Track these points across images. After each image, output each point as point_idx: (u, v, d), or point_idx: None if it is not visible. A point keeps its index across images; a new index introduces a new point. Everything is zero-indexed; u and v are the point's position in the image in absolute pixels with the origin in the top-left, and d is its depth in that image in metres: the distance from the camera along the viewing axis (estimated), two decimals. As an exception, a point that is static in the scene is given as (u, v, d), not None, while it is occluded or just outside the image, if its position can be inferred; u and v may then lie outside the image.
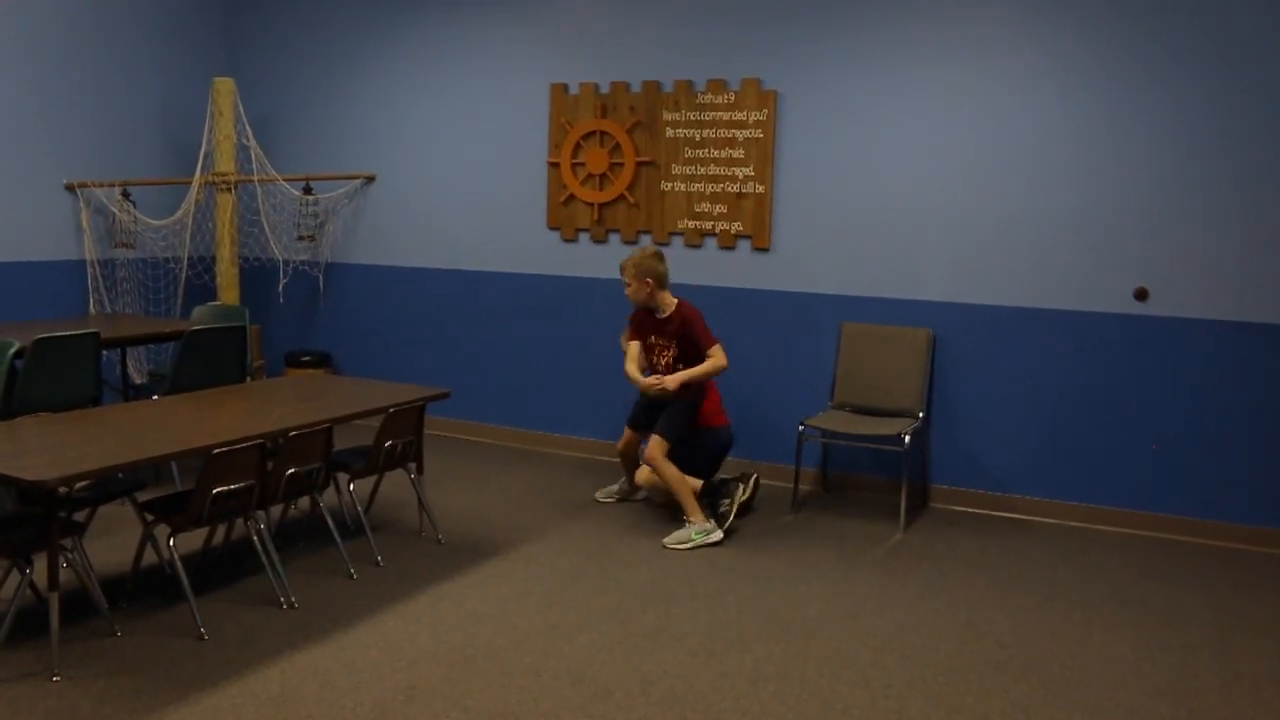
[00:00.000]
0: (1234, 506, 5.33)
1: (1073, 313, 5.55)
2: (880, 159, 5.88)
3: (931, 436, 5.90)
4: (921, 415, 5.74)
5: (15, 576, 3.89)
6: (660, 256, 5.33)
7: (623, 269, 5.33)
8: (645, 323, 5.40)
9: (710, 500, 5.45)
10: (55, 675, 3.54)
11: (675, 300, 5.33)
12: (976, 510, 5.80)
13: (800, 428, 5.63)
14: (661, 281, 5.29)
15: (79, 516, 4.13)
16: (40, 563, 3.66)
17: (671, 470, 5.24)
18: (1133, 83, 5.33)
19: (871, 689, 3.65)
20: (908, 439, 5.43)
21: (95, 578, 4.00)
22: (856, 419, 5.75)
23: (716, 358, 5.23)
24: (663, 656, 3.86)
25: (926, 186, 5.79)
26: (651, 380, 5.27)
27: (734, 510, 5.39)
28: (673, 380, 5.19)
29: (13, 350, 4.90)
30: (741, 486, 5.56)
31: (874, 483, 6.04)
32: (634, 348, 5.46)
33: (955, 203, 5.73)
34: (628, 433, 5.64)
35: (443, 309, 7.27)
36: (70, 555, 3.86)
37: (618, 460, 5.82)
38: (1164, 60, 5.26)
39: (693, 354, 5.27)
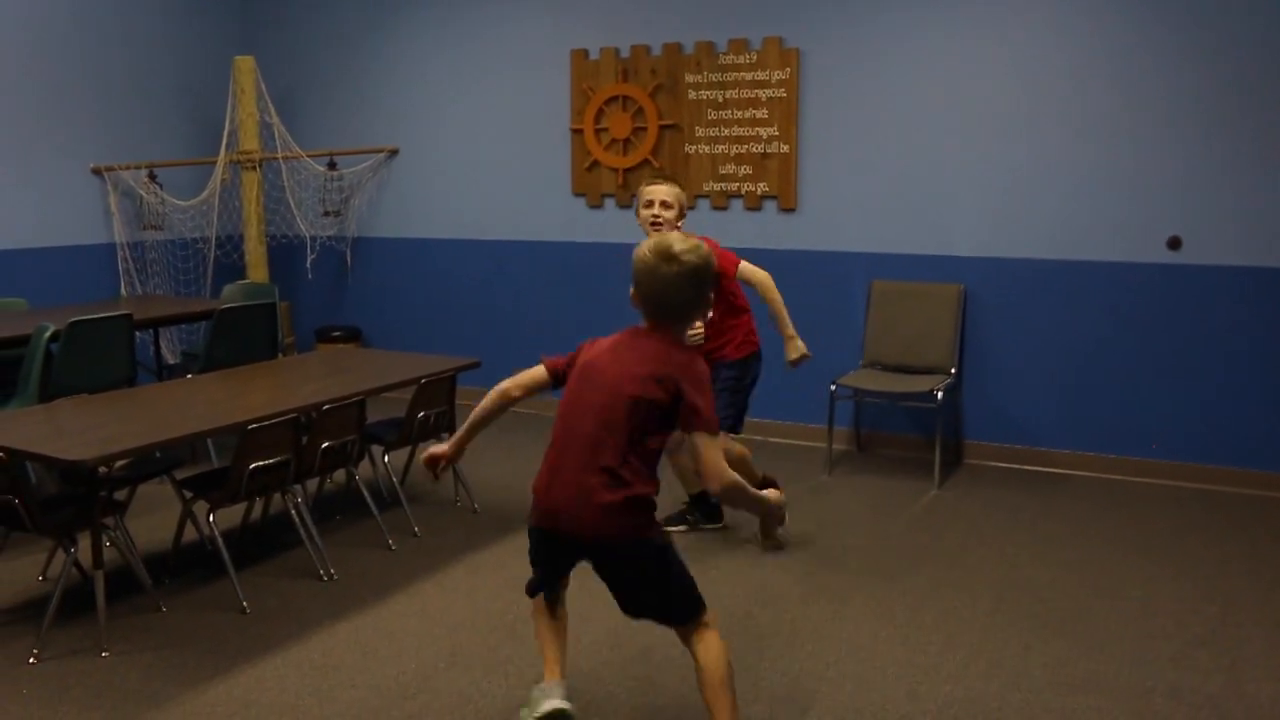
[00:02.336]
0: (1273, 455, 5.27)
1: (1105, 264, 5.49)
2: (906, 114, 5.81)
3: (964, 392, 5.86)
4: (953, 371, 5.71)
5: (61, 556, 3.94)
6: None
7: (653, 193, 4.39)
8: None
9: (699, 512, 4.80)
10: (104, 651, 3.59)
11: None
12: (1011, 465, 5.77)
13: (832, 387, 5.61)
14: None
15: (119, 495, 4.18)
16: (84, 542, 3.71)
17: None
18: (1165, 30, 5.23)
19: (910, 645, 3.65)
20: (940, 395, 5.40)
21: (138, 555, 4.06)
22: (888, 377, 5.72)
23: (760, 274, 4.54)
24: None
25: (954, 140, 5.72)
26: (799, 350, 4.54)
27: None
28: (798, 341, 4.53)
29: (48, 334, 4.95)
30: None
31: (907, 440, 6.02)
32: None
33: (984, 156, 5.66)
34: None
35: (470, 279, 7.28)
36: (113, 534, 3.91)
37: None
38: (1195, 5, 5.15)
39: (723, 297, 4.43)
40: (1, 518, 3.65)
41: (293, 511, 4.28)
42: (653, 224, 4.34)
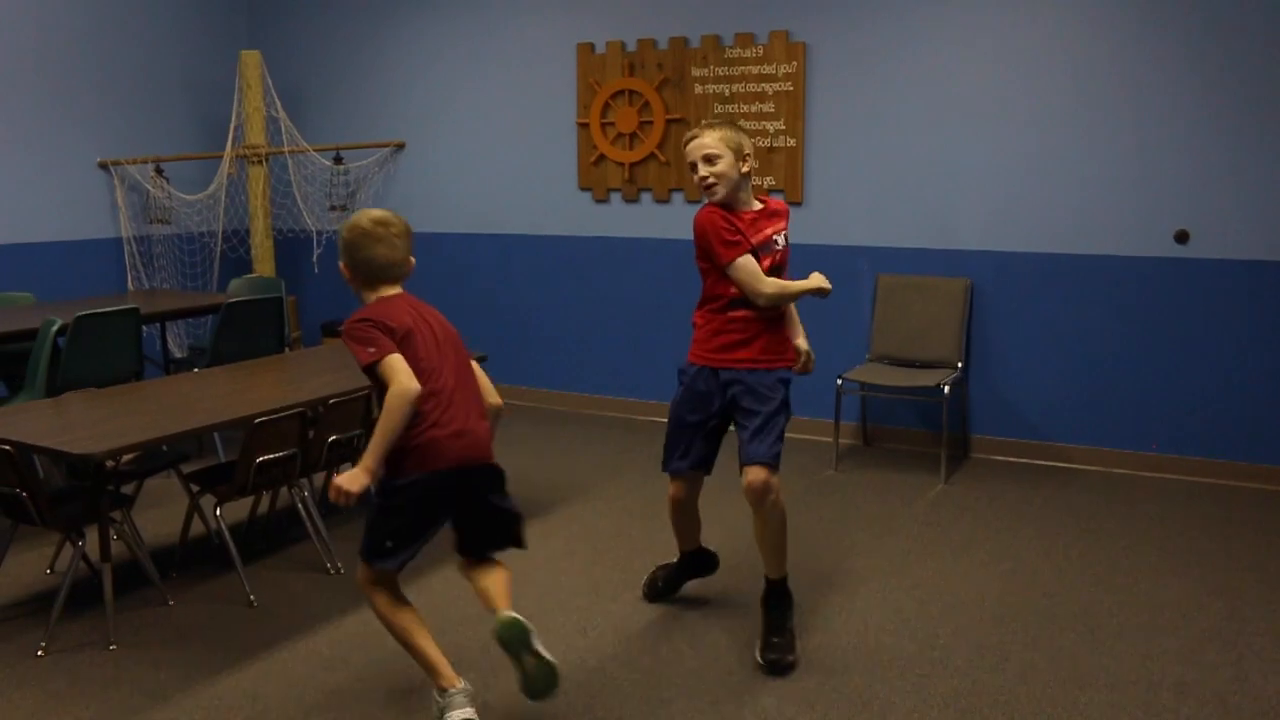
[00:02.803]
0: (1278, 452, 5.27)
1: (1113, 257, 5.47)
2: (912, 107, 5.80)
3: (971, 386, 5.86)
4: (960, 365, 5.70)
5: (69, 550, 3.95)
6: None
7: (693, 150, 3.48)
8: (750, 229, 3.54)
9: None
10: (112, 644, 3.60)
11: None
12: (1019, 459, 5.76)
13: (839, 381, 5.60)
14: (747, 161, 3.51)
15: (127, 489, 4.19)
16: (92, 535, 3.72)
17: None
18: (1172, 23, 5.21)
19: (918, 640, 3.64)
20: (947, 389, 5.39)
21: (146, 549, 4.06)
22: (895, 371, 5.71)
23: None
24: (708, 612, 3.87)
25: (960, 134, 5.71)
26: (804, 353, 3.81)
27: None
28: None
29: (55, 328, 4.95)
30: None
31: (914, 435, 6.01)
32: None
33: (990, 149, 5.65)
34: (679, 484, 3.73)
35: (477, 273, 7.27)
36: (120, 527, 3.91)
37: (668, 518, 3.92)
38: (1200, 2, 5.15)
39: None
40: (9, 511, 3.66)
41: (299, 505, 4.29)
42: (705, 189, 3.49)
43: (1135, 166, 5.37)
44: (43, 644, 3.59)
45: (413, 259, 3.17)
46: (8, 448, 3.48)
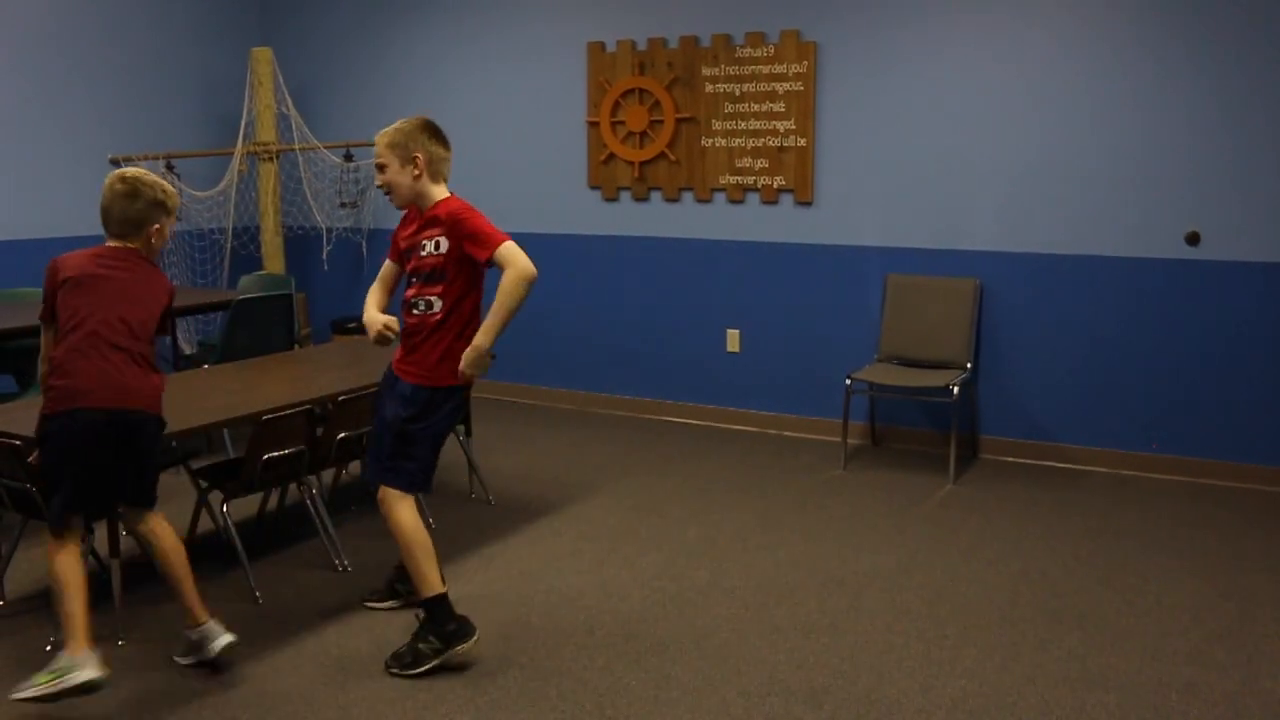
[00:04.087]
0: (1292, 451, 5.24)
1: (1123, 259, 5.45)
2: (923, 107, 5.79)
3: (980, 387, 5.84)
4: (969, 366, 5.68)
5: (77, 544, 3.95)
6: (432, 128, 3.74)
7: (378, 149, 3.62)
8: (403, 229, 3.71)
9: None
10: (120, 640, 3.61)
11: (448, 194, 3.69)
12: (1027, 460, 5.75)
13: (847, 381, 5.59)
14: (436, 165, 3.67)
15: (136, 485, 4.19)
16: (101, 531, 3.73)
17: (406, 518, 3.49)
18: (1184, 24, 5.19)
19: (925, 640, 3.64)
20: (956, 390, 5.38)
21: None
22: (904, 371, 5.70)
23: (514, 263, 3.51)
24: (715, 611, 3.87)
25: (971, 134, 5.69)
26: (387, 322, 3.64)
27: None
28: (485, 336, 3.53)
29: (65, 323, 4.95)
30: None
31: (922, 435, 6.00)
32: (386, 270, 3.77)
33: (1000, 150, 5.64)
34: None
35: (485, 271, 7.26)
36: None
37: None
38: (1211, 1, 5.13)
39: (465, 272, 3.61)
40: (19, 506, 3.68)
41: (308, 502, 4.29)
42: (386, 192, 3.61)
43: (1146, 168, 5.35)
44: (52, 639, 3.60)
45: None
46: (17, 443, 3.50)
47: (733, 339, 6.45)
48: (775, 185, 6.17)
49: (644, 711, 3.19)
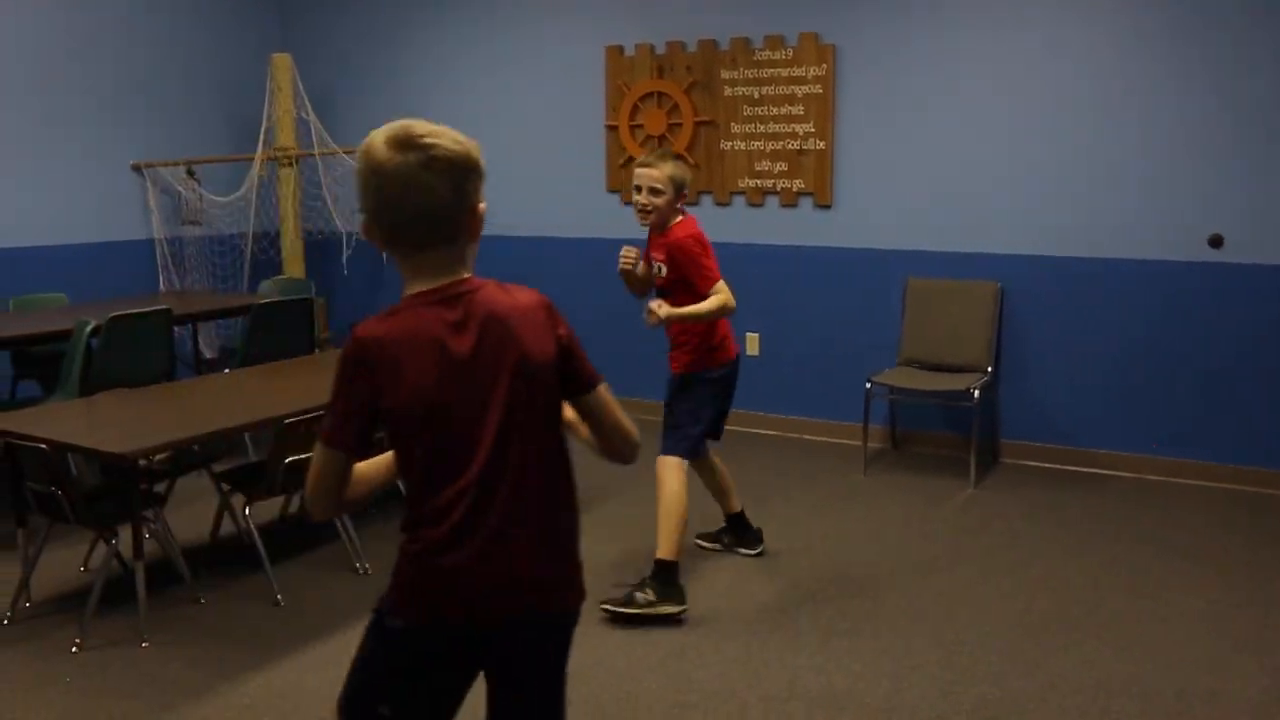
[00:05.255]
0: (1316, 455, 5.20)
1: (1145, 261, 5.42)
2: (943, 110, 5.77)
3: (1001, 391, 5.82)
4: (990, 369, 5.66)
5: (102, 547, 3.99)
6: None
7: (641, 178, 3.99)
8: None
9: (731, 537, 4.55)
10: (144, 641, 3.64)
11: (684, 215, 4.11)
12: (1048, 465, 5.72)
13: (868, 385, 5.58)
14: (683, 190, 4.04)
15: (159, 488, 4.23)
16: (125, 534, 3.76)
17: (676, 484, 3.96)
18: (1207, 26, 5.15)
19: (945, 645, 3.63)
20: (977, 394, 5.36)
21: (177, 547, 4.10)
22: (924, 375, 5.69)
23: (723, 295, 3.94)
24: (735, 614, 3.87)
25: (991, 137, 5.67)
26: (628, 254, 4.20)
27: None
28: (676, 311, 3.89)
29: (89, 328, 5.00)
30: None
31: (943, 439, 5.98)
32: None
33: (1021, 152, 5.61)
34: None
35: (504, 275, 7.13)
36: (153, 526, 3.95)
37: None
38: (1233, 3, 5.09)
39: (692, 291, 3.98)
40: (45, 509, 3.71)
41: (329, 505, 4.30)
42: (641, 212, 4.03)
43: (1169, 170, 5.32)
44: (77, 640, 3.63)
45: None
46: (43, 446, 3.53)
47: (752, 342, 6.44)
48: (794, 188, 6.17)
49: (664, 714, 3.19)
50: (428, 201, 1.89)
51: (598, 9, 6.70)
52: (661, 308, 3.83)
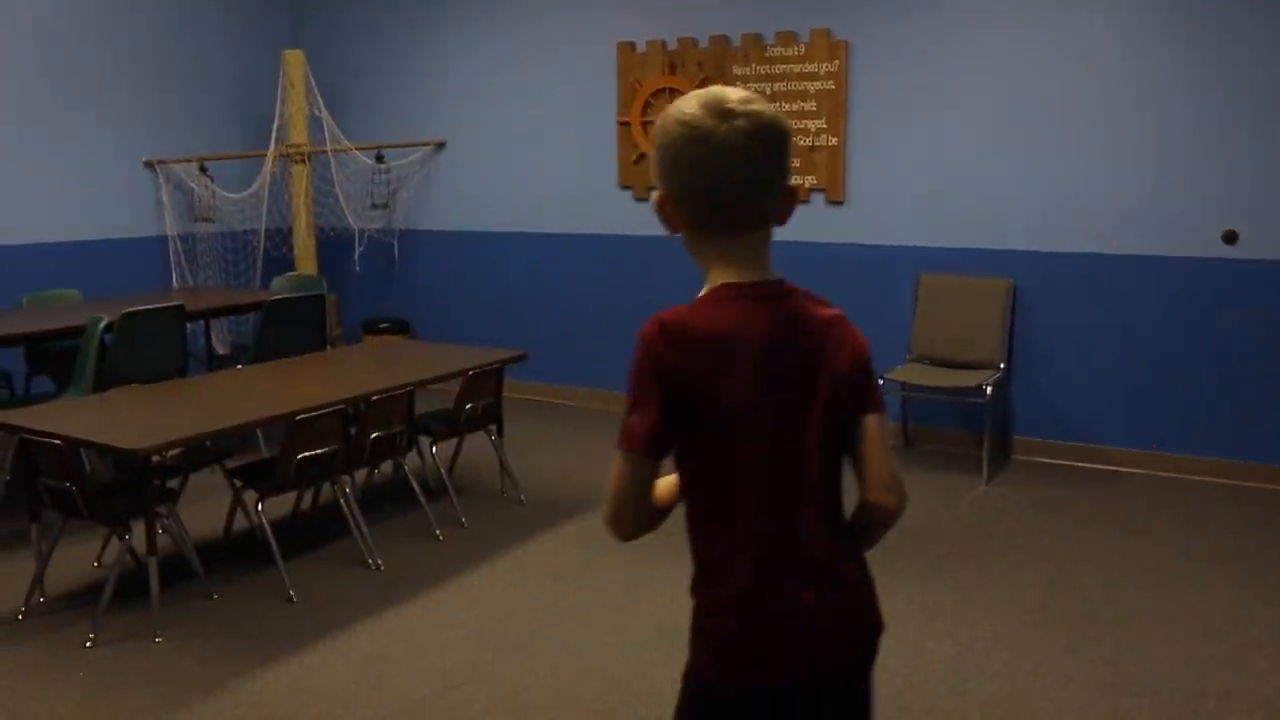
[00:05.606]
0: (1331, 453, 5.17)
1: (1159, 258, 5.40)
2: (955, 106, 5.75)
3: (1013, 387, 5.80)
4: (1003, 366, 5.65)
5: (116, 543, 4.01)
6: None
7: None
8: None
9: None
10: (158, 636, 3.65)
11: None
12: (1061, 461, 5.70)
13: (880, 381, 5.56)
14: None
15: (172, 484, 4.25)
16: (138, 529, 3.77)
17: None
18: (1221, 21, 5.13)
19: (958, 642, 3.62)
20: (989, 390, 5.35)
21: (190, 543, 4.11)
22: (936, 371, 5.67)
23: None
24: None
25: (1004, 133, 5.65)
26: None
27: None
28: None
29: (102, 325, 5.02)
30: None
31: (955, 435, 5.97)
32: None
33: (1034, 149, 5.59)
34: None
35: (517, 272, 7.30)
36: (166, 521, 3.96)
37: None
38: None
39: None
40: (58, 504, 3.73)
41: (341, 501, 4.32)
42: None
43: (1182, 166, 5.29)
44: (91, 635, 3.65)
45: None
46: (57, 442, 3.54)
47: (763, 339, 6.44)
48: (807, 184, 6.15)
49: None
50: (754, 175, 1.62)
51: (609, 5, 6.70)
52: None
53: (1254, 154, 5.14)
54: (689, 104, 1.60)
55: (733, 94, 1.60)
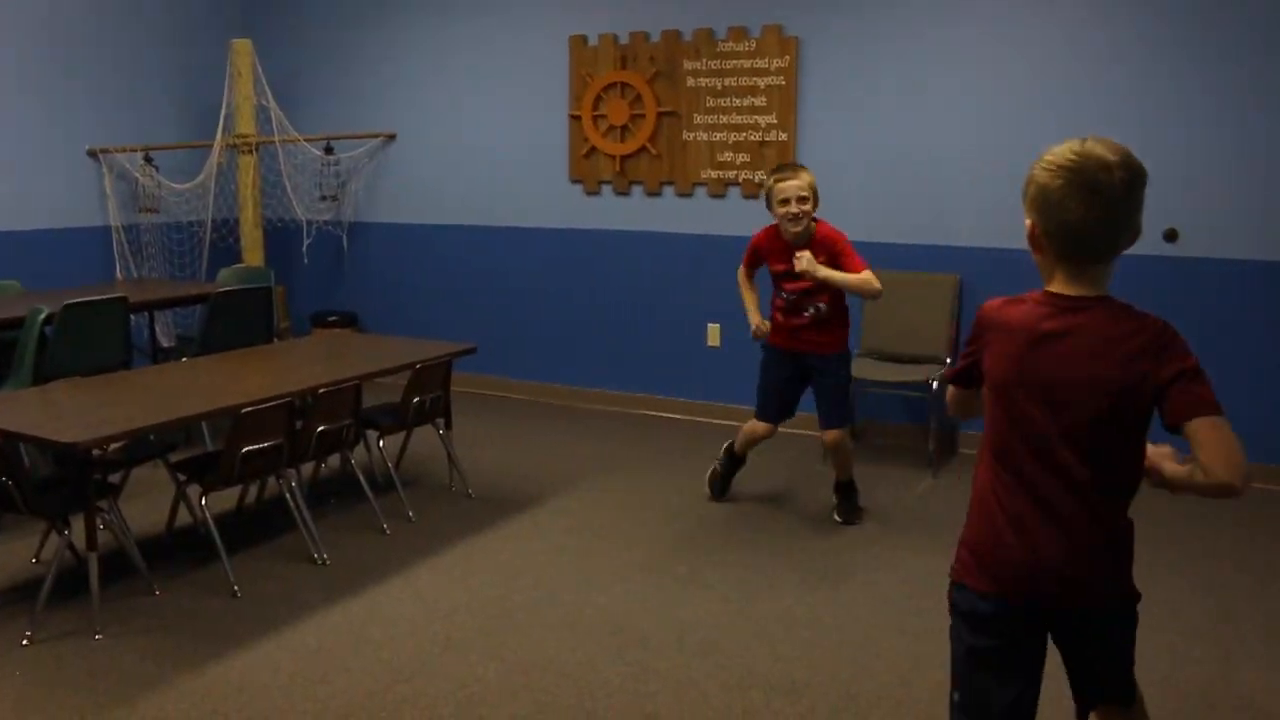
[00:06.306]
0: (1269, 449, 5.27)
1: (1102, 254, 5.47)
2: (904, 103, 5.80)
3: (960, 382, 5.85)
4: (949, 361, 5.70)
5: (55, 538, 3.93)
6: None
7: (786, 190, 4.47)
8: (775, 248, 4.63)
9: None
10: (98, 633, 3.59)
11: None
12: (1007, 455, 5.76)
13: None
14: None
15: (113, 478, 4.17)
16: (78, 524, 3.70)
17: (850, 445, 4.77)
18: (1167, 21, 5.21)
19: (906, 633, 3.65)
20: (935, 384, 5.40)
21: (132, 538, 4.05)
22: (883, 366, 5.72)
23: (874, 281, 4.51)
24: (697, 605, 3.88)
25: (952, 130, 5.71)
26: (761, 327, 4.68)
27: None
28: (824, 272, 4.40)
29: (43, 316, 4.93)
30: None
31: (902, 430, 6.02)
32: (745, 276, 4.90)
33: (981, 146, 5.65)
34: (761, 428, 4.83)
35: (467, 265, 7.26)
36: (107, 516, 3.90)
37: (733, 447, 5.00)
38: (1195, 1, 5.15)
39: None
40: (-5, 499, 3.65)
41: (287, 495, 4.27)
42: (794, 220, 4.46)
43: (1126, 164, 5.37)
44: (28, 633, 3.58)
45: None
46: (-7, 436, 3.47)
47: (714, 333, 6.46)
48: (756, 179, 6.17)
49: (624, 704, 3.19)
50: (1124, 220, 2.09)
51: (561, -2, 6.68)
52: (810, 261, 4.37)
53: (1196, 152, 5.22)
54: (1091, 150, 2.14)
55: (1111, 145, 2.13)
